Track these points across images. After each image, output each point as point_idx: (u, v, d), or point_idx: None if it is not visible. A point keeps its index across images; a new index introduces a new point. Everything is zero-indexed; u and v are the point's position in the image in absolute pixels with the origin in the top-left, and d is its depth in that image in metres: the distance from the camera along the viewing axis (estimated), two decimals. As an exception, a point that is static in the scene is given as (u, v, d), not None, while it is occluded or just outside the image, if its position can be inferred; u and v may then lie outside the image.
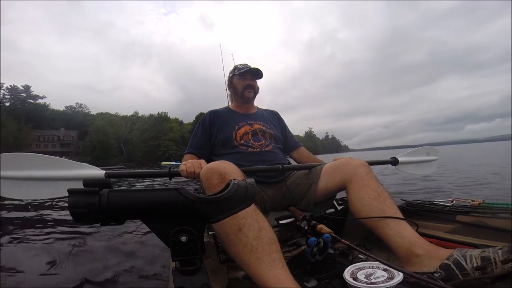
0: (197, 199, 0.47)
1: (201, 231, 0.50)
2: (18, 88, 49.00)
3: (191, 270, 0.50)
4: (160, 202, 0.46)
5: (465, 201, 1.04)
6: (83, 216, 0.43)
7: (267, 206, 1.09)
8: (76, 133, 51.15)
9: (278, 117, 1.46)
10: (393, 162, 1.36)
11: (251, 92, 1.32)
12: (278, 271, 0.61)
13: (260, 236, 0.65)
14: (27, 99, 50.30)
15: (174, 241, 0.48)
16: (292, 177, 1.16)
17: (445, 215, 1.01)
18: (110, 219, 0.45)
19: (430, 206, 1.09)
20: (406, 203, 1.18)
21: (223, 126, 1.26)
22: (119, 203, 0.44)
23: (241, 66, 1.36)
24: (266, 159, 1.16)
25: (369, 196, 0.86)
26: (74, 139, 50.28)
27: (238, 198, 0.50)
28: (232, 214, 0.49)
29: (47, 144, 47.90)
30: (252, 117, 1.33)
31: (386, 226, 0.80)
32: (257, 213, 0.69)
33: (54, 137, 48.95)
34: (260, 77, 1.36)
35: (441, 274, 0.65)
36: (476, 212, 0.93)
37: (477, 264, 0.61)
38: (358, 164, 0.95)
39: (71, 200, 0.43)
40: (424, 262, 0.70)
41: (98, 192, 0.44)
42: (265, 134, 1.27)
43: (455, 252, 0.67)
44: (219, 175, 0.75)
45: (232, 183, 0.51)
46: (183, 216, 0.48)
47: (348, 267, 0.71)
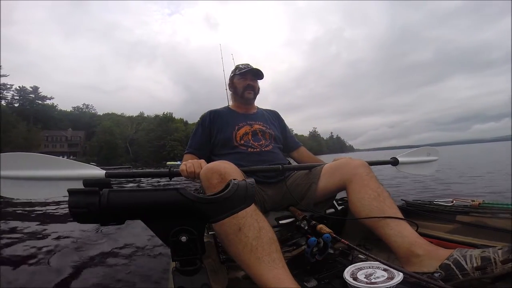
0: (197, 199, 0.47)
1: (201, 231, 0.50)
2: (26, 89, 50.31)
3: (191, 270, 0.50)
4: (160, 202, 0.46)
5: (465, 201, 1.04)
6: (83, 216, 0.43)
7: (267, 206, 1.09)
8: (83, 133, 52.32)
9: (278, 117, 1.46)
10: (393, 162, 1.35)
11: (251, 93, 1.32)
12: (278, 271, 0.61)
13: (260, 236, 0.65)
14: (36, 100, 51.39)
15: (174, 241, 0.48)
16: (292, 177, 1.16)
17: (445, 215, 1.01)
18: (110, 219, 0.45)
19: (430, 206, 1.09)
20: (406, 203, 1.18)
21: (223, 126, 1.26)
22: (119, 203, 0.44)
23: (242, 66, 1.36)
24: (266, 159, 1.16)
25: (369, 196, 0.86)
26: (81, 139, 51.39)
27: (238, 198, 0.50)
28: (232, 214, 0.49)
29: (55, 144, 49.03)
30: (252, 117, 1.33)
31: (386, 226, 0.80)
32: (257, 213, 0.69)
33: (62, 137, 50.23)
34: (261, 77, 1.35)
35: (441, 274, 0.65)
36: (476, 212, 0.93)
37: (477, 264, 0.61)
38: (358, 164, 0.95)
39: (71, 200, 0.43)
40: (424, 262, 0.70)
41: (98, 192, 0.44)
42: (265, 134, 1.27)
43: (455, 252, 0.67)
44: (219, 175, 0.75)
45: (232, 183, 0.51)
46: (183, 216, 0.48)
47: (348, 267, 0.71)
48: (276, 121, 1.42)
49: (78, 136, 51.49)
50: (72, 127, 53.82)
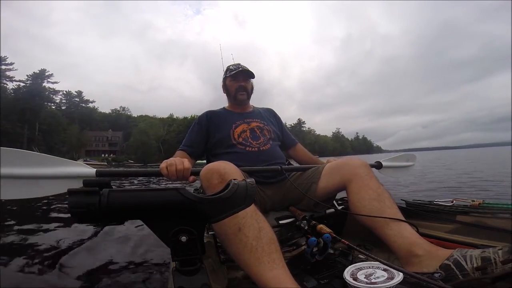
0: (197, 199, 0.47)
1: (201, 231, 0.50)
2: (72, 93, 59.25)
3: (191, 270, 0.50)
4: (160, 202, 0.46)
5: (465, 201, 1.04)
6: (83, 216, 0.43)
7: (267, 206, 1.09)
8: (121, 134, 58.76)
9: (275, 114, 1.47)
10: (377, 166, 1.38)
11: (244, 94, 1.32)
12: (278, 271, 0.61)
13: (259, 236, 0.65)
14: (80, 104, 60.28)
15: (174, 241, 0.48)
16: (293, 177, 1.16)
17: (445, 215, 1.01)
18: (110, 219, 0.45)
19: (430, 206, 1.09)
20: (406, 203, 1.18)
21: (220, 125, 1.26)
22: (119, 203, 0.44)
23: (232, 67, 1.34)
24: (265, 159, 1.16)
25: (369, 196, 0.86)
26: (120, 139, 57.57)
27: (238, 198, 0.50)
28: (232, 214, 0.49)
29: (98, 144, 55.69)
30: (249, 116, 1.33)
31: (386, 226, 0.80)
32: (256, 213, 0.69)
33: (104, 138, 56.93)
34: (253, 77, 1.34)
35: (441, 274, 0.65)
36: (476, 212, 0.93)
37: (477, 264, 0.61)
38: (358, 164, 0.95)
39: (71, 200, 0.43)
40: (424, 262, 0.70)
41: (98, 192, 0.44)
42: (263, 131, 1.27)
43: (455, 252, 0.67)
44: (219, 175, 0.75)
45: (232, 183, 0.51)
46: (183, 216, 0.48)
47: (348, 267, 0.71)
48: (273, 118, 1.42)
49: (117, 137, 58.02)
50: (111, 128, 60.79)
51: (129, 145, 51.34)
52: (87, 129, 52.60)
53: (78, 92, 60.66)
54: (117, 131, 59.74)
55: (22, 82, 40.61)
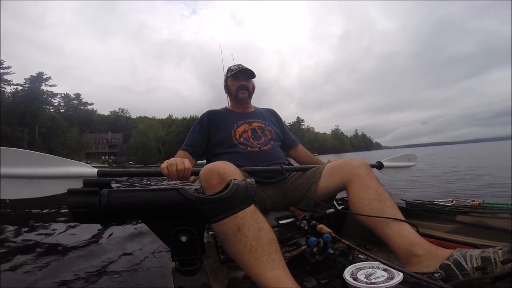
0: (197, 199, 0.47)
1: (201, 231, 0.50)
2: (70, 96, 59.88)
3: (191, 270, 0.50)
4: (160, 202, 0.46)
5: (465, 201, 1.04)
6: (83, 216, 0.43)
7: (267, 206, 1.09)
8: (121, 135, 59.83)
9: (276, 115, 1.47)
10: (378, 166, 1.38)
11: (245, 93, 1.32)
12: (278, 271, 0.61)
13: (259, 237, 0.65)
14: (79, 106, 60.87)
15: (174, 241, 0.48)
16: (293, 177, 1.16)
17: (445, 215, 1.01)
18: (110, 219, 0.45)
19: (430, 206, 1.09)
20: (406, 203, 1.18)
21: (222, 125, 1.26)
22: (119, 203, 0.44)
23: (233, 67, 1.35)
24: (266, 159, 1.16)
25: (369, 196, 0.86)
26: (119, 141, 58.87)
27: (238, 198, 0.50)
28: (232, 214, 0.49)
29: (98, 146, 56.50)
30: (250, 116, 1.33)
31: (386, 226, 0.80)
32: (256, 213, 0.69)
33: (103, 140, 57.78)
34: (253, 76, 1.35)
35: (441, 274, 0.65)
36: (476, 212, 0.93)
37: (477, 264, 0.61)
38: (358, 164, 0.95)
39: (71, 200, 0.43)
40: (424, 262, 0.70)
41: (98, 192, 0.44)
42: (265, 131, 1.27)
43: (455, 252, 0.67)
44: (219, 175, 0.75)
45: (232, 183, 0.51)
46: (183, 216, 0.48)
47: (348, 267, 0.71)
48: (274, 119, 1.43)
49: (117, 138, 58.99)
50: (110, 130, 61.90)
51: (129, 146, 52.48)
52: (87, 132, 53.29)
53: (76, 94, 61.58)
54: (116, 133, 60.75)
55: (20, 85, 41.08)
